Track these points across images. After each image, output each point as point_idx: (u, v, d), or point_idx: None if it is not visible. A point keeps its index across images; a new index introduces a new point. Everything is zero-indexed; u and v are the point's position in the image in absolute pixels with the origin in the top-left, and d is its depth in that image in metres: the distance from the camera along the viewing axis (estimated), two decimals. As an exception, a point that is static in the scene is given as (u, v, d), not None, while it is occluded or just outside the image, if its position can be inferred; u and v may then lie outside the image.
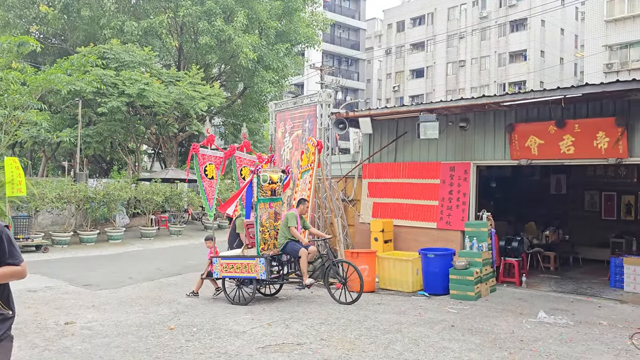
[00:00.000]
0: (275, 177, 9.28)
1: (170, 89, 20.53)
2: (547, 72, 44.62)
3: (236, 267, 9.07)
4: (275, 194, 9.35)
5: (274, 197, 9.32)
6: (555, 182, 15.33)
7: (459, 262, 9.27)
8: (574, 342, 6.64)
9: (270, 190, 9.17)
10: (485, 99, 9.26)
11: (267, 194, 9.14)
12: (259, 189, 8.95)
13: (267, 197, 9.15)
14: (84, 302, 8.85)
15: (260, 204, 8.97)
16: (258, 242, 8.92)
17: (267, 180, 9.04)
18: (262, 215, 9.03)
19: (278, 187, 9.37)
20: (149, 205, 19.17)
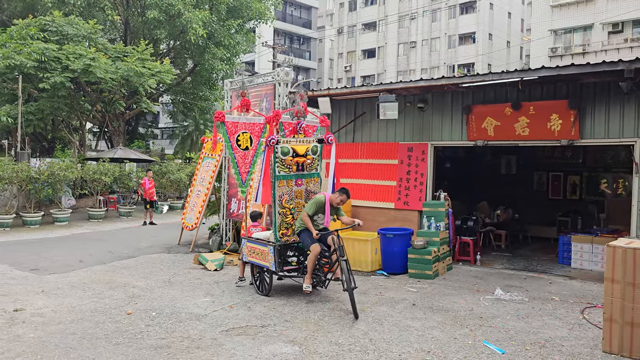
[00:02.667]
0: (303, 149, 7.94)
1: (117, 65, 19.65)
2: (495, 55, 45.70)
3: (256, 253, 8.16)
4: (305, 168, 8.03)
5: (302, 173, 8.01)
6: (506, 163, 15.78)
7: (418, 241, 9.39)
8: (530, 317, 6.87)
9: (295, 165, 7.89)
10: (445, 80, 9.33)
11: (292, 168, 7.88)
12: (279, 163, 7.74)
13: (292, 173, 7.90)
14: (33, 288, 8.44)
15: (280, 182, 7.79)
16: (276, 226, 7.84)
17: (288, 153, 7.81)
18: (284, 195, 7.86)
19: (310, 160, 8.06)
20: (96, 185, 18.47)
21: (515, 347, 5.69)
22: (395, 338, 5.99)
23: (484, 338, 5.98)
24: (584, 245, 10.31)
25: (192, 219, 12.98)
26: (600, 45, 32.53)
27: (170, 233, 15.21)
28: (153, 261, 11.02)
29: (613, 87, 8.56)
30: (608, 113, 8.76)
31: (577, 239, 10.47)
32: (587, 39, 33.83)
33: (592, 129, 8.91)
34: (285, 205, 7.90)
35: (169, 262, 10.94)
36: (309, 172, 8.11)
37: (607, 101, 8.77)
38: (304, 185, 8.08)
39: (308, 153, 8.01)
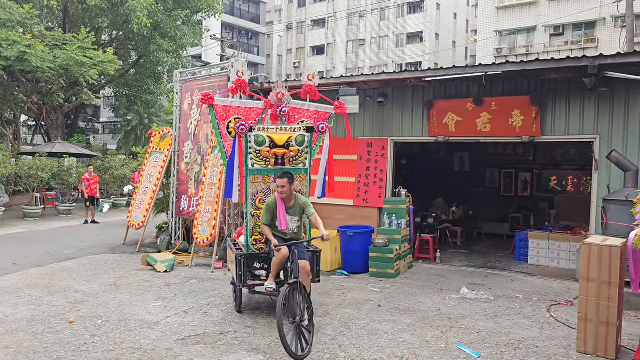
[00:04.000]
0: (283, 138, 6.49)
1: (55, 53, 18.41)
2: (441, 54, 46.44)
3: (231, 260, 7.25)
4: (287, 162, 6.59)
5: (283, 168, 6.53)
6: (459, 160, 15.83)
7: (379, 239, 9.12)
8: (499, 317, 6.71)
9: (273, 158, 6.52)
10: (407, 73, 9.11)
11: (270, 162, 6.53)
12: (253, 155, 6.46)
13: (270, 168, 6.55)
14: (-41, 295, 7.58)
15: (254, 177, 6.51)
16: (248, 230, 6.67)
17: (264, 143, 6.45)
18: (258, 193, 6.56)
19: (295, 152, 6.62)
20: (32, 182, 17.26)
21: (490, 350, 5.47)
22: (365, 343, 5.65)
23: (456, 340, 5.74)
24: (541, 242, 10.36)
25: (139, 217, 12.23)
26: (543, 47, 33.56)
27: (115, 232, 14.36)
28: (97, 262, 10.25)
29: (574, 83, 8.57)
30: (569, 110, 8.77)
31: (534, 236, 10.51)
32: (530, 40, 34.84)
33: (553, 125, 8.90)
34: (259, 206, 6.59)
35: (114, 263, 10.21)
36: (292, 167, 6.61)
37: (567, 98, 8.78)
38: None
39: (291, 144, 6.53)
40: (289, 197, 6.17)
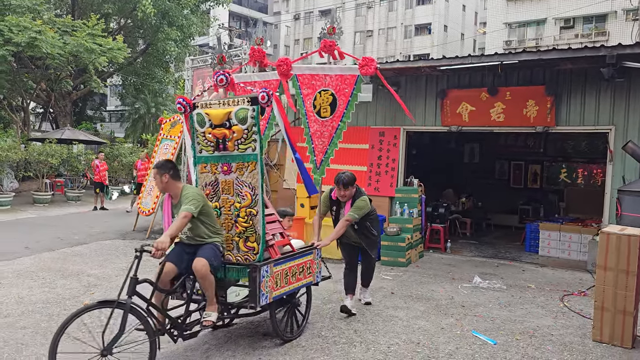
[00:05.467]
0: (220, 115, 4.72)
1: (65, 40, 18.38)
2: (449, 46, 46.22)
3: None
4: (230, 147, 4.76)
5: (228, 154, 4.83)
6: (469, 151, 15.79)
7: (391, 228, 9.12)
8: (512, 306, 6.71)
9: (215, 141, 4.84)
10: (422, 62, 9.05)
11: (213, 146, 4.89)
12: (199, 139, 4.99)
13: (216, 154, 4.91)
14: (-26, 277, 7.64)
15: (201, 166, 5.04)
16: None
17: (204, 124, 4.87)
18: (207, 187, 5.02)
19: (238, 134, 4.70)
20: (42, 168, 17.30)
21: (505, 337, 5.48)
22: (380, 329, 5.66)
23: (471, 328, 5.75)
24: (552, 233, 10.34)
25: (149, 204, 12.25)
26: (553, 39, 33.35)
27: (124, 219, 14.42)
28: (107, 248, 10.30)
29: (590, 74, 8.51)
30: (584, 100, 8.71)
31: (545, 227, 10.49)
32: (540, 33, 34.62)
33: (568, 116, 8.85)
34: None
35: (125, 248, 10.26)
36: (239, 153, 4.78)
37: (583, 88, 8.72)
38: (233, 174, 4.83)
39: (232, 122, 4.70)
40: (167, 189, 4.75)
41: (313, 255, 5.45)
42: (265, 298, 4.67)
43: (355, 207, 5.86)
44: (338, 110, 5.75)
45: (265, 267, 4.67)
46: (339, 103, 5.74)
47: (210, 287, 4.57)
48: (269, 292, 4.73)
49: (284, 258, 5.00)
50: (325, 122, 5.87)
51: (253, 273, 4.60)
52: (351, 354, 4.92)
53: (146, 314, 4.28)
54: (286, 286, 5.00)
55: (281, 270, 4.91)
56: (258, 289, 4.58)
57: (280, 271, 4.89)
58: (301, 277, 5.25)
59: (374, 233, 6.21)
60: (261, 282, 4.60)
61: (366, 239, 6.16)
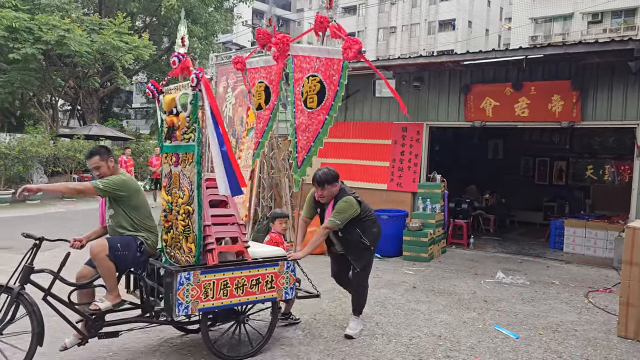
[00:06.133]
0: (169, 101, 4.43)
1: (93, 38, 18.78)
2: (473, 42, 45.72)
3: None
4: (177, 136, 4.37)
5: (177, 144, 4.42)
6: (493, 147, 15.65)
7: (413, 223, 9.13)
8: (535, 301, 6.67)
9: (167, 128, 4.53)
10: (445, 57, 9.02)
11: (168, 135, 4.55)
12: (164, 127, 4.60)
13: (172, 144, 4.49)
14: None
15: (163, 157, 4.69)
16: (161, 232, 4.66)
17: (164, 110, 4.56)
18: (164, 178, 4.67)
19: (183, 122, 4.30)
20: (70, 163, 17.69)
21: (528, 332, 5.46)
22: (402, 322, 5.70)
23: (494, 322, 5.74)
24: (577, 230, 10.20)
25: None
26: (580, 34, 32.77)
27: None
28: (134, 241, 10.50)
29: (617, 68, 8.38)
30: (611, 95, 8.57)
31: (570, 224, 10.35)
32: (566, 28, 34.05)
33: (594, 111, 8.72)
34: (165, 197, 4.63)
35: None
36: (184, 144, 4.34)
37: (610, 83, 8.58)
38: (180, 166, 4.42)
39: (178, 109, 4.36)
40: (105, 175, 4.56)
41: (279, 267, 4.62)
42: (184, 308, 4.11)
43: (335, 211, 4.94)
44: (326, 101, 4.74)
45: (185, 273, 4.10)
46: (327, 93, 4.74)
47: (107, 276, 4.26)
48: (192, 303, 4.14)
49: (221, 266, 4.30)
50: (311, 114, 4.84)
51: (167, 278, 4.12)
52: (373, 345, 4.97)
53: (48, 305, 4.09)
54: (225, 299, 4.31)
55: (215, 280, 4.24)
56: (173, 297, 4.06)
57: (213, 280, 4.23)
58: (254, 291, 4.47)
59: (365, 242, 5.07)
60: (178, 290, 4.06)
61: (352, 249, 5.12)
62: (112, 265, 4.28)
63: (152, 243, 4.58)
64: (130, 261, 4.44)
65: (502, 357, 4.76)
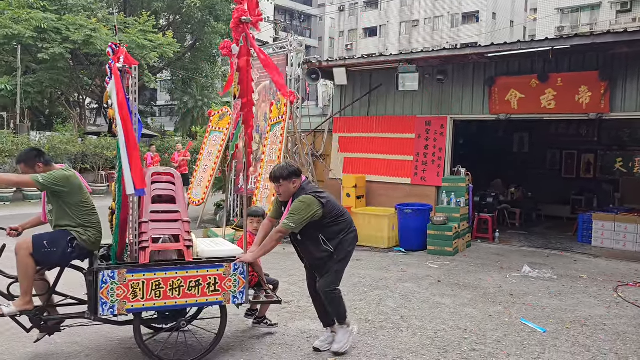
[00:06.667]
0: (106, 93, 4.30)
1: (118, 37, 19.07)
2: (498, 34, 45.02)
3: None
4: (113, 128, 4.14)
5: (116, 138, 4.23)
6: (519, 140, 15.46)
7: (438, 217, 9.08)
8: (563, 295, 6.59)
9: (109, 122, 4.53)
10: (469, 49, 8.94)
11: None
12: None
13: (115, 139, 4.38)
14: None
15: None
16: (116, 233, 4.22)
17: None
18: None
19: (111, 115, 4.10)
20: (98, 160, 18.04)
21: (555, 326, 5.40)
22: (427, 315, 5.69)
23: (520, 316, 5.69)
24: (606, 224, 10.03)
25: (199, 194, 12.61)
26: (608, 24, 31.99)
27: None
28: (161, 236, 10.67)
29: (647, 57, 8.19)
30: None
31: (599, 217, 10.18)
32: (594, 18, 33.30)
33: (623, 102, 8.55)
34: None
35: (177, 237, 10.60)
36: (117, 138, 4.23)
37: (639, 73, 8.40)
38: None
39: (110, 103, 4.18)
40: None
41: (224, 269, 4.22)
42: (109, 308, 3.90)
43: (290, 212, 4.32)
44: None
45: (108, 271, 3.89)
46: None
47: (23, 276, 4.03)
48: (118, 302, 3.92)
49: (151, 266, 4.05)
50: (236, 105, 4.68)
51: (89, 276, 3.94)
52: (398, 338, 4.98)
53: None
54: (157, 300, 4.03)
55: (145, 280, 3.98)
56: (95, 296, 3.89)
57: (142, 280, 3.97)
58: (194, 293, 4.13)
59: (328, 249, 4.40)
60: (102, 289, 3.86)
61: (311, 256, 4.52)
62: (31, 266, 4.06)
63: (89, 239, 4.32)
64: (58, 258, 4.23)
65: (529, 350, 4.73)
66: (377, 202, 10.86)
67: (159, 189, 4.34)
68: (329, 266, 4.45)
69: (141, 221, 4.13)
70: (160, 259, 4.22)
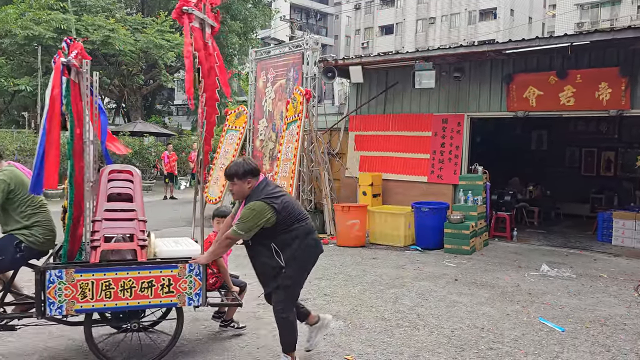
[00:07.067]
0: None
1: (136, 37, 19.29)
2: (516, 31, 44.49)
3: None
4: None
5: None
6: (537, 138, 15.29)
7: (455, 215, 9.03)
8: (582, 294, 6.51)
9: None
10: (487, 46, 8.86)
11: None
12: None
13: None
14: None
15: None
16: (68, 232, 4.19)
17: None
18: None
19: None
20: (116, 159, 18.24)
21: (574, 325, 5.34)
22: (444, 314, 5.66)
23: (538, 315, 5.64)
24: (627, 222, 9.88)
25: (216, 193, 12.70)
26: (629, 19, 31.50)
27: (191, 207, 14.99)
28: (179, 234, 10.73)
29: (669, 53, 8.04)
30: (662, 81, 8.25)
31: (619, 216, 10.03)
32: (614, 13, 32.81)
33: (645, 98, 8.41)
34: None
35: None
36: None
37: (661, 69, 8.25)
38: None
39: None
40: None
41: (178, 270, 4.06)
42: (57, 308, 3.80)
43: (239, 219, 3.96)
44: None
45: (56, 271, 3.78)
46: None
47: None
48: (67, 303, 3.81)
49: (101, 266, 3.92)
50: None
51: (36, 275, 3.82)
52: (414, 336, 4.97)
53: None
54: (108, 301, 3.90)
55: (94, 280, 3.85)
56: (41, 296, 3.82)
57: (92, 280, 3.85)
58: (146, 294, 3.99)
59: (279, 261, 3.97)
60: (49, 288, 3.76)
61: (259, 266, 4.14)
62: None
63: (37, 240, 4.27)
64: (8, 263, 4.22)
65: (547, 349, 4.68)
66: (393, 200, 10.83)
67: (116, 187, 4.25)
68: (278, 281, 4.01)
69: (94, 219, 4.05)
70: (115, 259, 4.10)
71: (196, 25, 4.07)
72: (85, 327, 4.05)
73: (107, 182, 4.23)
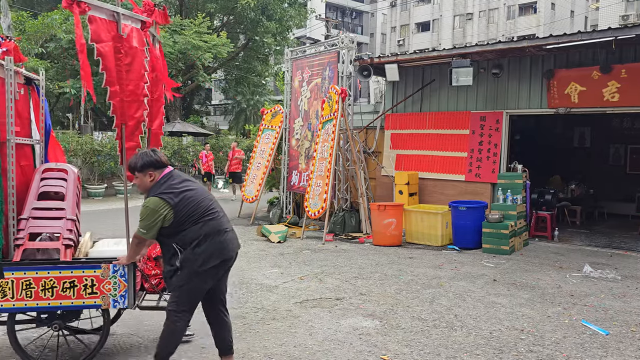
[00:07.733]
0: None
1: (175, 38, 19.66)
2: (557, 25, 43.33)
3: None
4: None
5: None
6: (579, 135, 14.85)
7: (493, 215, 8.87)
8: (628, 297, 6.29)
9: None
10: (526, 41, 8.65)
11: None
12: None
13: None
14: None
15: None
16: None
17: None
18: None
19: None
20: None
21: (619, 328, 5.17)
22: (482, 315, 5.57)
23: (581, 317, 5.48)
24: (675, 222, 9.51)
25: (252, 192, 12.83)
26: (678, 11, 30.25)
27: (229, 205, 15.15)
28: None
29: None
30: None
31: (667, 215, 9.66)
32: (662, 5, 31.54)
33: (694, 93, 8.07)
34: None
35: (231, 233, 10.83)
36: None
37: None
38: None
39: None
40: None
41: (102, 271, 3.97)
42: None
43: (140, 216, 3.73)
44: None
45: None
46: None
47: None
48: None
49: (21, 264, 3.88)
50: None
51: None
52: (452, 337, 4.91)
53: None
54: (29, 300, 3.87)
55: (14, 279, 3.83)
56: None
57: (12, 279, 3.83)
58: (69, 295, 3.92)
59: (175, 263, 3.71)
60: None
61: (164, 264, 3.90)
62: None
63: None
64: None
65: (590, 353, 4.55)
66: (430, 199, 10.73)
67: (48, 185, 4.21)
68: (173, 282, 3.76)
69: (20, 218, 4.02)
70: (42, 258, 4.02)
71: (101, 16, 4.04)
72: (9, 326, 3.98)
73: (40, 181, 4.21)
